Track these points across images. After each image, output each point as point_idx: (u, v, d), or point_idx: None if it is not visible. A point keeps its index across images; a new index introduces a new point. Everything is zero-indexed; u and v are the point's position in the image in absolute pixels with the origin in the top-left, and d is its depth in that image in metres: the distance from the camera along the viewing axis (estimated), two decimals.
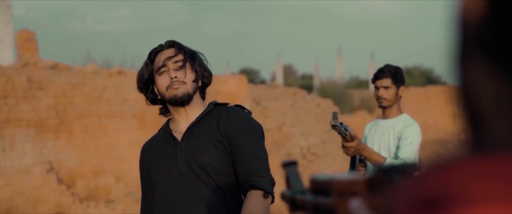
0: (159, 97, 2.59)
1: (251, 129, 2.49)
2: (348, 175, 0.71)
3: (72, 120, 13.81)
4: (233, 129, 2.48)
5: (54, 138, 13.38)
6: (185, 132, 2.54)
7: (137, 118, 15.30)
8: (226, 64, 43.62)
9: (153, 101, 2.62)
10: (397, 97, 3.99)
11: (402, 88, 4.01)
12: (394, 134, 3.96)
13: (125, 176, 14.71)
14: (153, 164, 2.58)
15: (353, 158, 3.89)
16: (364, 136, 4.19)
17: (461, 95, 0.46)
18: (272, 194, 2.41)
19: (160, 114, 2.68)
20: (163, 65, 2.53)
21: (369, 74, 39.12)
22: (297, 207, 0.83)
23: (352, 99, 30.90)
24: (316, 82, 39.51)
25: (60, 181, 13.23)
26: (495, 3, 0.44)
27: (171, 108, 2.59)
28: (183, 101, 2.52)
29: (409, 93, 26.42)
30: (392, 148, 3.96)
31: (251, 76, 38.86)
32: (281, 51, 65.53)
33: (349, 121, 21.07)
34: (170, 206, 2.50)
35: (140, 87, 2.61)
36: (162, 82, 2.53)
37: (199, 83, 2.59)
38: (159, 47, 2.59)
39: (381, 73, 3.99)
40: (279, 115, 19.98)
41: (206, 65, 2.62)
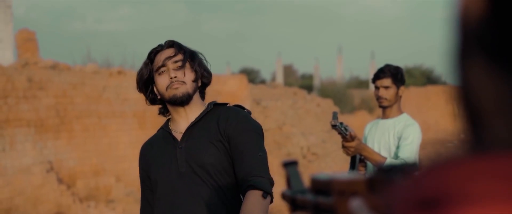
0: (158, 97, 2.59)
1: (251, 129, 2.50)
2: (348, 175, 0.71)
3: (72, 120, 13.81)
4: (233, 129, 2.48)
5: (54, 137, 13.38)
6: (184, 132, 2.54)
7: (137, 118, 15.29)
8: (226, 64, 43.63)
9: (153, 102, 2.62)
10: (397, 97, 3.99)
11: (402, 88, 4.01)
12: (394, 133, 3.96)
13: (125, 176, 14.71)
14: (152, 164, 2.57)
15: (353, 158, 3.89)
16: (364, 135, 4.19)
17: (460, 95, 0.46)
18: (271, 194, 2.41)
19: (159, 113, 2.67)
20: (162, 65, 2.53)
21: (369, 74, 39.10)
22: (297, 207, 0.83)
23: (352, 99, 30.89)
24: (316, 82, 39.50)
25: (60, 181, 13.23)
26: (494, 3, 0.44)
27: (170, 108, 2.59)
28: (183, 101, 2.52)
29: (409, 93, 26.41)
30: (392, 148, 3.96)
31: (251, 76, 38.84)
32: (281, 51, 65.53)
33: (349, 120, 21.06)
34: (170, 206, 2.50)
35: (139, 87, 2.61)
36: (162, 82, 2.53)
37: (199, 83, 2.59)
38: (159, 47, 2.59)
39: (381, 73, 3.99)
40: (279, 115, 19.97)
41: (206, 65, 2.62)
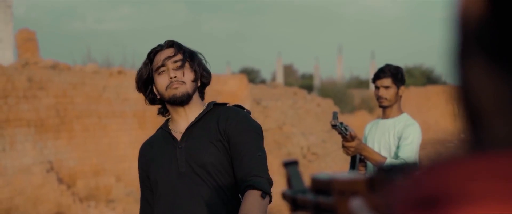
0: (158, 97, 2.59)
1: (250, 129, 2.50)
2: (348, 174, 0.71)
3: (72, 120, 13.81)
4: (233, 128, 2.48)
5: (54, 137, 13.38)
6: (184, 132, 2.54)
7: (137, 118, 15.29)
8: (226, 64, 43.68)
9: (152, 101, 2.62)
10: (397, 97, 3.99)
11: (402, 88, 4.01)
12: (395, 133, 3.96)
13: (126, 175, 14.71)
14: (152, 164, 2.57)
15: (353, 158, 3.89)
16: (364, 135, 4.19)
17: (460, 95, 0.46)
18: (270, 194, 2.41)
19: (158, 114, 2.67)
20: (162, 65, 2.52)
21: (369, 74, 39.11)
22: (298, 207, 0.83)
23: (352, 99, 30.90)
24: (316, 82, 39.50)
25: (60, 180, 13.23)
26: (494, 3, 0.44)
27: (170, 108, 2.59)
28: (183, 101, 2.52)
29: (409, 93, 26.40)
30: (392, 148, 3.96)
31: (252, 76, 38.84)
32: (281, 51, 65.47)
33: (349, 120, 21.06)
34: (170, 206, 2.50)
35: (139, 87, 2.61)
36: (162, 82, 2.53)
37: (198, 83, 2.59)
38: (158, 47, 2.59)
39: (381, 73, 3.99)
40: (279, 115, 19.97)
41: (205, 65, 2.62)
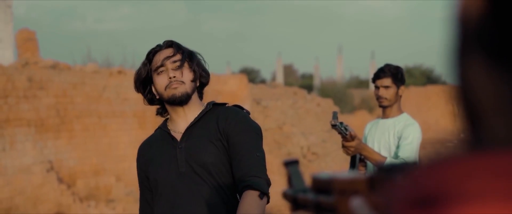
0: (157, 97, 2.59)
1: (249, 129, 2.50)
2: (349, 174, 0.71)
3: (72, 120, 13.81)
4: (232, 128, 2.48)
5: (54, 137, 13.38)
6: (184, 132, 2.54)
7: (137, 118, 15.29)
8: (226, 64, 43.71)
9: (151, 102, 2.62)
10: (397, 97, 3.99)
11: (402, 88, 4.01)
12: (394, 133, 3.96)
13: (126, 175, 14.71)
14: (151, 163, 2.57)
15: (353, 158, 3.89)
16: (364, 135, 4.19)
17: (460, 94, 0.46)
18: (268, 195, 2.41)
19: (157, 114, 2.67)
20: (161, 65, 2.52)
21: (369, 74, 39.09)
22: (299, 206, 0.83)
23: (352, 99, 30.89)
24: (316, 82, 39.49)
25: (60, 180, 13.23)
26: (494, 2, 0.44)
27: (169, 108, 2.59)
28: (182, 101, 2.52)
29: (409, 93, 26.39)
30: (392, 148, 3.96)
31: (252, 76, 38.83)
32: (281, 51, 65.45)
33: (349, 120, 21.05)
34: (170, 206, 2.50)
35: (137, 86, 2.61)
36: (161, 82, 2.53)
37: (197, 83, 2.59)
38: (157, 47, 2.59)
39: (381, 73, 3.99)
40: (279, 115, 19.97)
41: (204, 65, 2.62)
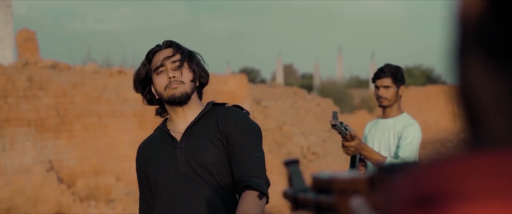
0: (156, 97, 2.59)
1: (249, 129, 2.50)
2: (349, 173, 0.71)
3: (72, 119, 13.81)
4: (231, 128, 2.48)
5: (54, 137, 13.38)
6: (184, 132, 2.54)
7: (137, 118, 15.29)
8: (226, 64, 43.73)
9: (150, 102, 2.62)
10: (397, 97, 3.99)
11: (402, 88, 4.01)
12: (394, 133, 3.96)
13: (126, 175, 14.70)
14: (151, 163, 2.57)
15: (353, 158, 3.89)
16: (364, 135, 4.19)
17: (459, 93, 0.46)
18: (267, 195, 2.41)
19: (156, 114, 2.67)
20: (161, 65, 2.52)
21: (369, 73, 39.09)
22: (299, 205, 0.83)
23: (352, 99, 30.89)
24: (316, 82, 39.48)
25: (60, 180, 13.23)
26: (494, 1, 0.44)
27: (168, 108, 2.59)
28: (182, 101, 2.52)
29: (409, 93, 26.39)
30: (392, 147, 3.96)
31: (252, 75, 38.82)
32: (281, 50, 65.44)
33: (349, 120, 21.05)
34: (170, 206, 2.50)
35: (136, 86, 2.61)
36: (160, 82, 2.53)
37: (197, 83, 2.59)
38: (157, 47, 2.59)
39: (381, 73, 3.99)
40: (279, 114, 19.96)
41: (204, 65, 2.62)
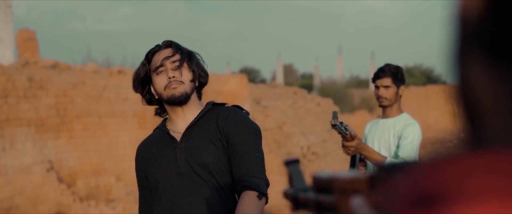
0: (156, 97, 2.59)
1: (249, 129, 2.50)
2: (349, 173, 0.72)
3: (72, 119, 13.81)
4: (231, 128, 2.49)
5: (54, 137, 13.38)
6: (184, 132, 2.54)
7: (137, 117, 15.29)
8: (226, 64, 43.73)
9: (150, 102, 2.62)
10: (397, 97, 3.99)
11: (402, 88, 4.01)
12: (394, 133, 3.96)
13: (126, 175, 14.70)
14: (151, 164, 2.57)
15: (353, 157, 3.89)
16: (364, 135, 4.19)
17: (459, 93, 0.46)
18: (266, 195, 2.42)
19: (155, 114, 2.67)
20: (160, 65, 2.53)
21: (369, 73, 39.09)
22: (299, 205, 0.83)
23: (352, 99, 30.88)
24: (316, 82, 39.48)
25: (60, 180, 13.23)
26: (494, 2, 0.44)
27: (168, 108, 2.59)
28: (181, 101, 2.53)
29: (409, 93, 26.38)
30: (392, 147, 3.96)
31: (252, 75, 38.82)
32: (281, 50, 65.42)
33: (349, 120, 21.05)
34: (170, 206, 2.50)
35: (135, 86, 2.61)
36: (160, 82, 2.53)
37: (196, 83, 2.59)
38: (157, 47, 2.59)
39: (381, 73, 3.99)
40: (279, 114, 19.96)
41: (203, 65, 2.62)
